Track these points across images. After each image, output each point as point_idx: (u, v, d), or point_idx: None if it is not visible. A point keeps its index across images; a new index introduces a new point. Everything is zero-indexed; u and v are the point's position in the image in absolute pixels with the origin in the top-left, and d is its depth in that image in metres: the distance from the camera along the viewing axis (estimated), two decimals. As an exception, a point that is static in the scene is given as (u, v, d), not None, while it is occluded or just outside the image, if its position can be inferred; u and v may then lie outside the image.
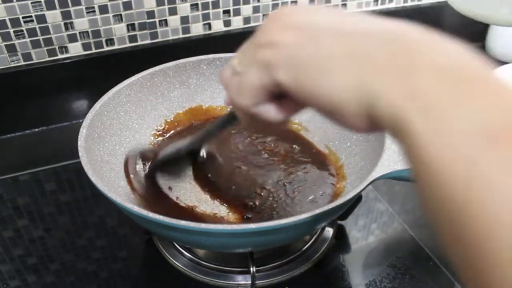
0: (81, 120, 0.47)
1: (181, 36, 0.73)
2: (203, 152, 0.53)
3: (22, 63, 0.66)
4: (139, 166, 0.50)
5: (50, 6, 0.62)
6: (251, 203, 0.48)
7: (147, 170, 0.51)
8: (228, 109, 0.34)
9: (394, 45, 0.21)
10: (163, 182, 0.50)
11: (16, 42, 0.64)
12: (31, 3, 0.61)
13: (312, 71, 0.22)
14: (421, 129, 0.19)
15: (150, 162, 0.51)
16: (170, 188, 0.50)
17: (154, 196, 0.49)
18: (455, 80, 0.19)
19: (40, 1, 0.62)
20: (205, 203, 0.49)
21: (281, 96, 0.26)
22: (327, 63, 0.22)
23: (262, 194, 0.49)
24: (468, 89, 0.19)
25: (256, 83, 0.25)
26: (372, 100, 0.21)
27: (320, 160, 0.55)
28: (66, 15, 0.64)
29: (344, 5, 0.80)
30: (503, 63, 0.82)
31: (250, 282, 0.46)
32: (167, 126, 0.58)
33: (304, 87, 0.23)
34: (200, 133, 0.46)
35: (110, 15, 0.66)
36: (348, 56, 0.21)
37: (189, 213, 0.47)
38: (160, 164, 0.50)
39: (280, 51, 0.23)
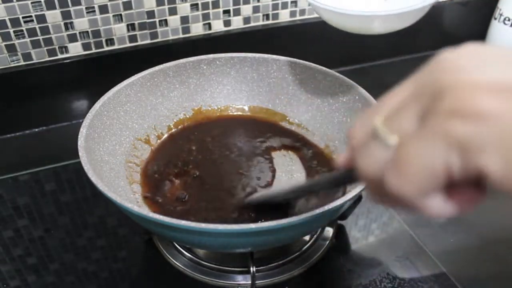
0: (81, 120, 0.47)
1: (181, 36, 0.73)
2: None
3: (22, 63, 0.66)
4: None
5: (50, 6, 0.62)
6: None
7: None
8: (342, 167, 0.26)
9: None
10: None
11: (16, 42, 0.63)
12: (31, 3, 0.61)
13: None
14: None
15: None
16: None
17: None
18: None
19: (40, 1, 0.62)
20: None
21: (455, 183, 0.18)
22: None
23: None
24: None
25: (438, 167, 0.17)
26: None
27: (319, 160, 0.55)
28: (66, 15, 0.64)
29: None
30: (503, 63, 0.82)
31: (250, 282, 0.46)
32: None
33: None
34: (302, 186, 0.41)
35: (110, 15, 0.66)
36: None
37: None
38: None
39: (491, 126, 0.16)
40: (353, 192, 0.39)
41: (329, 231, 0.52)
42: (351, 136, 0.22)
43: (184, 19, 0.71)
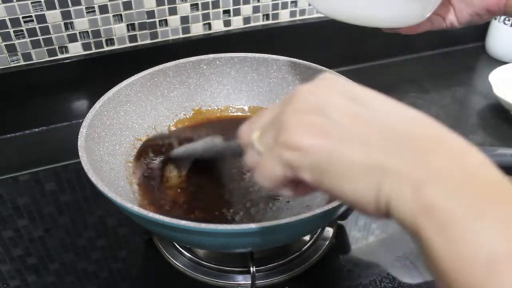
0: (81, 120, 0.47)
1: (181, 36, 0.73)
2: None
3: (22, 63, 0.66)
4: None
5: (50, 6, 0.62)
6: (248, 208, 0.48)
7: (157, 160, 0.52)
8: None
9: (411, 153, 0.23)
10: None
11: (16, 42, 0.64)
12: (31, 3, 0.61)
13: (335, 177, 0.24)
14: (435, 244, 0.21)
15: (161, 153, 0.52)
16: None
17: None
18: (470, 194, 0.21)
19: (40, 1, 0.62)
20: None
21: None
22: (349, 172, 0.24)
23: (258, 200, 0.49)
24: (482, 208, 0.20)
25: (277, 175, 0.26)
26: (390, 206, 0.22)
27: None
28: (66, 15, 0.64)
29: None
30: (503, 63, 0.82)
31: (250, 282, 0.46)
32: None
33: (327, 187, 0.25)
34: (219, 147, 0.46)
35: (110, 15, 0.66)
36: (369, 167, 0.23)
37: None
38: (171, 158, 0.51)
39: (306, 157, 0.24)
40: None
41: (329, 231, 0.52)
42: (240, 137, 0.30)
43: (184, 19, 0.71)
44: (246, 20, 0.75)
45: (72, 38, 0.66)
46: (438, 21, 0.47)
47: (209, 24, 0.73)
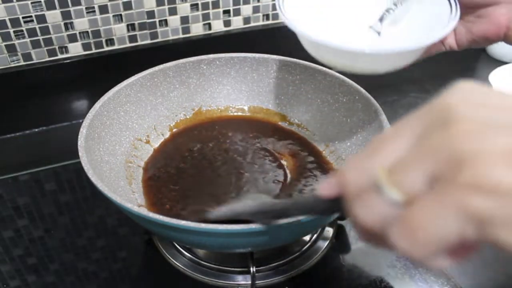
0: (81, 120, 0.47)
1: (181, 36, 0.73)
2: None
3: (22, 63, 0.66)
4: None
5: (50, 6, 0.62)
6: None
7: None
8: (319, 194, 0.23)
9: None
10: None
11: (16, 42, 0.64)
12: (31, 3, 0.61)
13: None
14: None
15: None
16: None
17: None
18: None
19: (40, 1, 0.62)
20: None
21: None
22: None
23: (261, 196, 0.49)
24: None
25: (451, 236, 0.17)
26: None
27: (319, 160, 0.55)
28: (66, 15, 0.64)
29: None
30: (503, 63, 0.82)
31: (250, 282, 0.46)
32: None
33: None
34: (276, 206, 0.34)
35: (110, 15, 0.66)
36: None
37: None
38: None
39: (507, 203, 0.16)
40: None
41: (329, 231, 0.52)
42: (345, 180, 0.20)
43: (184, 19, 0.71)
44: (246, 20, 0.75)
45: (72, 38, 0.66)
46: (436, 46, 0.47)
47: (209, 24, 0.73)
